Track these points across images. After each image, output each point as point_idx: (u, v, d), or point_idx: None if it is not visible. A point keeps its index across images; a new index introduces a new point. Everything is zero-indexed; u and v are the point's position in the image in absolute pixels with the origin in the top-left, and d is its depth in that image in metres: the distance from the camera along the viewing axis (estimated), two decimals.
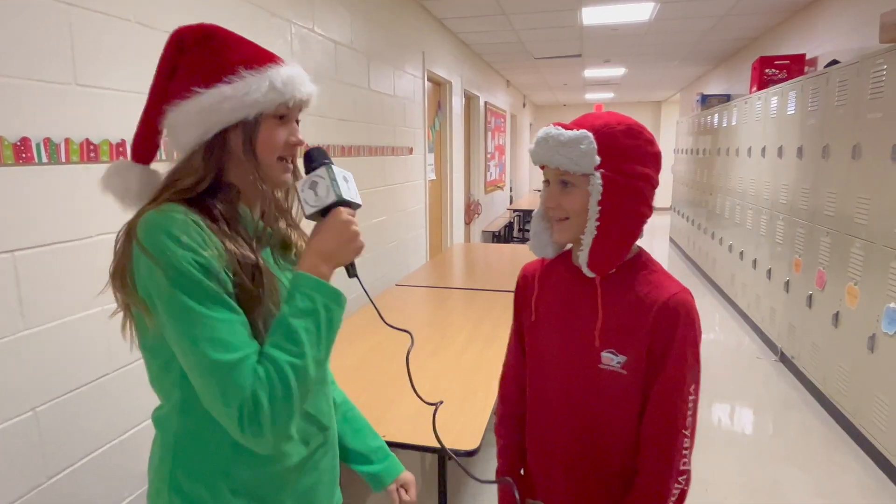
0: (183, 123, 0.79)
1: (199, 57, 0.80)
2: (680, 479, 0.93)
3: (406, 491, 1.12)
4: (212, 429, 0.78)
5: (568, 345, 1.00)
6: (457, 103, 5.56)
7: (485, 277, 3.47)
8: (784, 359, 3.79)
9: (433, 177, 4.93)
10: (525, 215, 9.33)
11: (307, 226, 0.89)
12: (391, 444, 1.46)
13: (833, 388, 3.03)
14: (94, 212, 1.52)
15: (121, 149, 1.58)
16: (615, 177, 0.90)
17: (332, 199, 0.81)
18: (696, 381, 0.93)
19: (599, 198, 0.90)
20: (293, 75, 0.82)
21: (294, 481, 0.86)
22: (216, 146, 0.79)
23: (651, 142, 0.95)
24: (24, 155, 1.33)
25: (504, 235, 7.79)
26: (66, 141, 1.44)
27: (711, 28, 5.11)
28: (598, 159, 0.90)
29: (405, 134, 4.03)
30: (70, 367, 1.47)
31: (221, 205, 0.80)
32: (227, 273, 0.75)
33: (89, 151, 1.50)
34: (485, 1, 4.20)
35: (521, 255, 4.12)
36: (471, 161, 6.74)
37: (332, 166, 0.84)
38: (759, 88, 4.41)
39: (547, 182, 0.98)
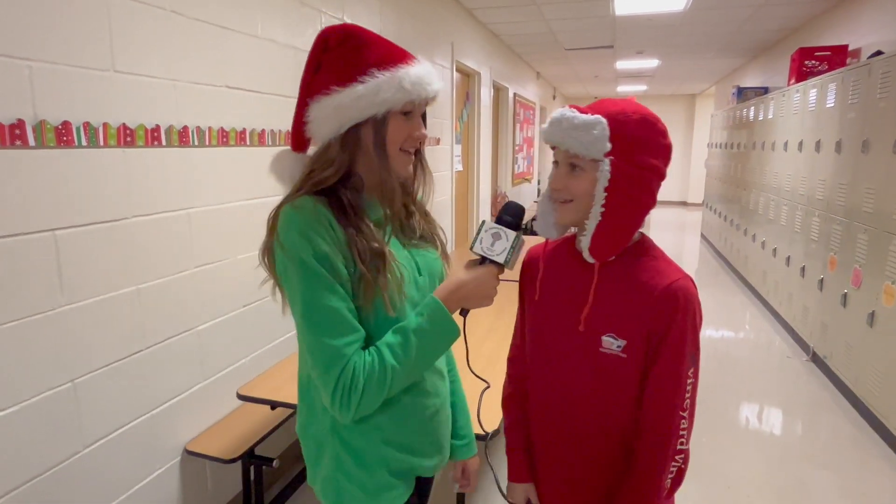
0: (321, 117, 0.87)
1: (339, 56, 0.87)
2: (677, 457, 0.96)
3: (464, 474, 1.18)
4: None
5: (568, 327, 1.01)
6: (485, 94, 5.54)
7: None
8: (816, 358, 3.69)
9: (460, 168, 4.93)
10: None
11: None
12: None
13: (866, 389, 2.94)
14: (130, 195, 1.58)
15: (155, 134, 1.64)
16: (624, 165, 0.91)
17: (499, 260, 0.93)
18: (696, 366, 0.95)
19: (607, 184, 0.91)
20: (422, 75, 0.88)
21: (430, 428, 0.99)
22: (349, 140, 0.88)
23: (664, 134, 0.96)
24: (65, 138, 1.40)
25: (530, 228, 7.75)
26: (105, 125, 1.49)
27: (749, 18, 4.96)
28: (608, 146, 0.90)
29: (432, 124, 4.04)
30: (106, 343, 1.54)
31: (351, 194, 0.89)
32: (346, 262, 0.84)
33: (126, 136, 1.56)
34: None
35: None
36: (498, 153, 6.72)
37: (520, 234, 0.94)
38: (798, 81, 4.27)
39: (556, 163, 0.99)
